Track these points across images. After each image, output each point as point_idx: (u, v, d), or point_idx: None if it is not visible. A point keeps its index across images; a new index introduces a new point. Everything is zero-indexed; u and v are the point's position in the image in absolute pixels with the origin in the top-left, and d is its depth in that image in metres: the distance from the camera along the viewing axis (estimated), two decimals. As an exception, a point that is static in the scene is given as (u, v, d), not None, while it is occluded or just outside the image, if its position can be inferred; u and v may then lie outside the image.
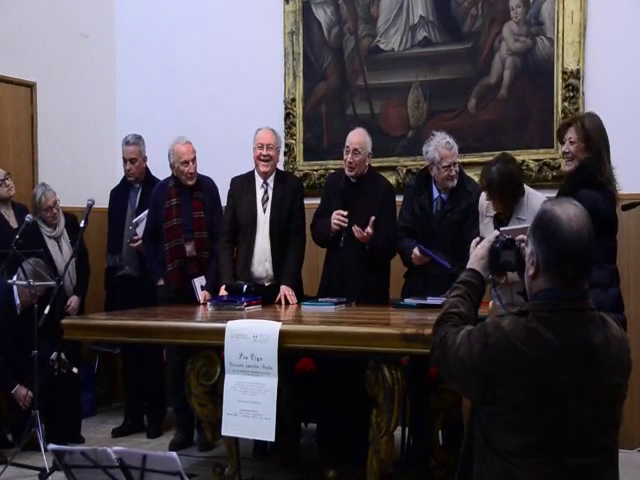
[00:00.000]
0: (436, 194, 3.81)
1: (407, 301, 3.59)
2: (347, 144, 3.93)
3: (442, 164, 3.71)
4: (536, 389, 1.71)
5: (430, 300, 3.49)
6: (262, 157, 4.00)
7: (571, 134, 3.31)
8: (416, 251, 3.69)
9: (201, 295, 4.09)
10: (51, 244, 4.55)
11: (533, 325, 1.74)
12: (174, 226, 4.26)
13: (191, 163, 4.26)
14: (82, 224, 4.06)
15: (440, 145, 3.73)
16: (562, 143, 3.41)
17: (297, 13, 5.07)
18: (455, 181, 3.76)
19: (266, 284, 4.00)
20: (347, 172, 3.95)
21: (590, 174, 3.19)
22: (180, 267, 4.24)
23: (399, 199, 4.03)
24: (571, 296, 1.77)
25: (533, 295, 1.83)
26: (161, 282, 4.35)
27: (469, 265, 2.09)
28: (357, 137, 3.95)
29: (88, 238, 4.66)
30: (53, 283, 3.91)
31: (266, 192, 4.06)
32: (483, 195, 3.56)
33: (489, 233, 3.41)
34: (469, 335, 1.82)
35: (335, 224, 3.85)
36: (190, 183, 4.29)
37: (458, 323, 1.93)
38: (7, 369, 4.11)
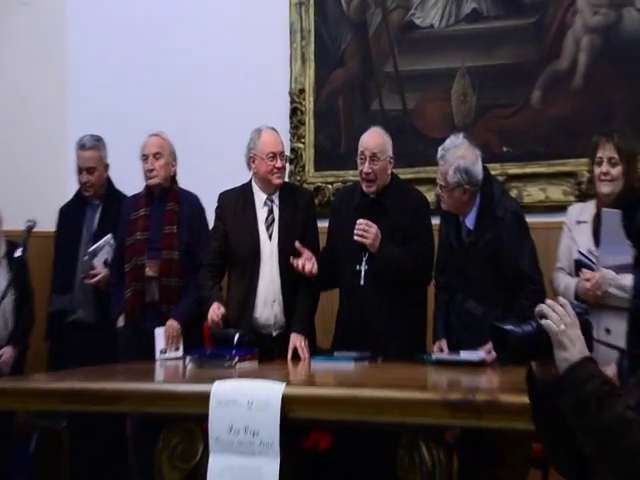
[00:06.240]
0: (462, 220, 3.83)
1: (436, 356, 3.63)
2: (361, 149, 3.96)
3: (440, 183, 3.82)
4: None
5: (464, 355, 3.50)
6: (276, 170, 4.06)
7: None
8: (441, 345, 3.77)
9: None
10: None
11: None
12: (137, 241, 4.38)
13: (151, 157, 4.39)
14: (18, 253, 4.08)
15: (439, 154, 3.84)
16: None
17: (306, -22, 5.15)
18: (461, 209, 3.78)
19: (274, 333, 4.03)
20: (365, 187, 3.96)
21: None
22: (137, 292, 4.32)
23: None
24: None
25: None
26: (121, 322, 4.41)
27: (584, 353, 1.97)
28: (374, 139, 3.98)
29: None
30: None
31: (271, 211, 4.09)
32: (574, 206, 3.90)
33: (582, 243, 3.56)
34: None
35: (357, 235, 3.82)
36: (149, 183, 4.42)
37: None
38: None
